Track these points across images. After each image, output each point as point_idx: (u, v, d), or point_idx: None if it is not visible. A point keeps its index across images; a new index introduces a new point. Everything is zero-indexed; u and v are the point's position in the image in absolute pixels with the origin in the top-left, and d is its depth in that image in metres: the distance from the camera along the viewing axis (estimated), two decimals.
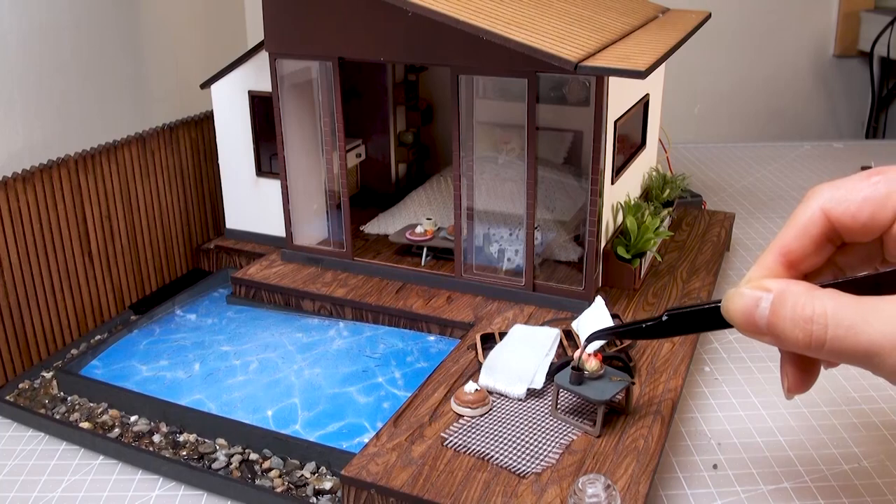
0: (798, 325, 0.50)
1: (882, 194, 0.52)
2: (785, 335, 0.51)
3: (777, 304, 0.51)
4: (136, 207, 1.11)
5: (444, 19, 0.88)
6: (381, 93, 1.36)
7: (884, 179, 0.52)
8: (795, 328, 0.50)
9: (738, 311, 0.53)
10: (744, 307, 0.53)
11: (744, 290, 0.54)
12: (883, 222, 0.52)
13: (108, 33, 1.23)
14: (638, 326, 0.64)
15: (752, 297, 0.53)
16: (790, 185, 1.64)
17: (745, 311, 0.53)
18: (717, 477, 0.77)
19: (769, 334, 0.51)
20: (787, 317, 0.50)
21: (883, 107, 2.27)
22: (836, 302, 0.49)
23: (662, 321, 0.61)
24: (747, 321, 0.52)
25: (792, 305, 0.50)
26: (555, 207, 1.14)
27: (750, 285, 0.54)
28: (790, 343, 0.50)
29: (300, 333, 1.02)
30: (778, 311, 0.51)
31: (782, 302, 0.51)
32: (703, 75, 2.19)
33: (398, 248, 1.15)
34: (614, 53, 0.89)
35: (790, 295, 0.51)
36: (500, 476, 0.70)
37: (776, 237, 0.56)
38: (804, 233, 0.55)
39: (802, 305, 0.50)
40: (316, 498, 0.75)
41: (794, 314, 0.50)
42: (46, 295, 0.98)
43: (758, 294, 0.52)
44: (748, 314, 0.52)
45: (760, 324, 0.52)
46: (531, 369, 0.82)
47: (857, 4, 2.20)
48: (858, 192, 0.53)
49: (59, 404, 0.90)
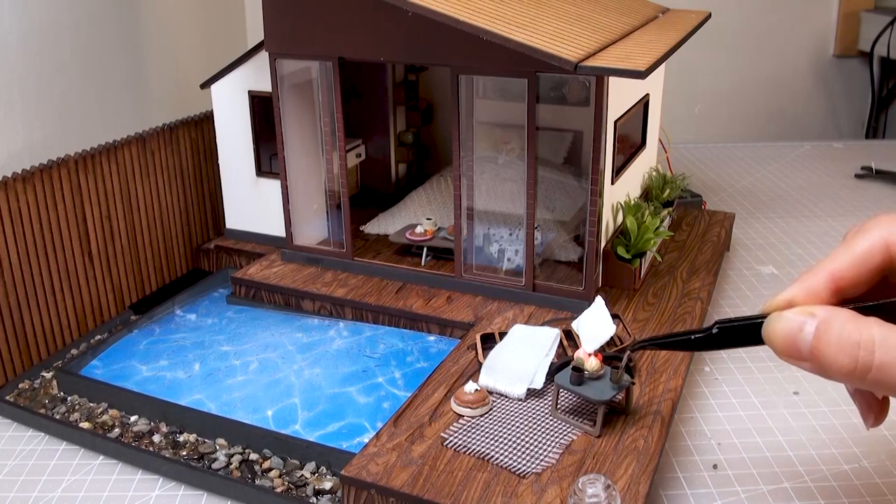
0: (844, 351, 0.49)
1: None
2: (829, 361, 0.50)
3: (822, 330, 0.50)
4: (136, 207, 1.11)
5: (444, 19, 0.88)
6: (381, 93, 1.36)
7: None
8: (840, 353, 0.49)
9: (780, 335, 0.52)
10: (787, 331, 0.52)
11: (787, 313, 0.52)
12: None
13: (108, 33, 1.23)
14: (686, 338, 0.63)
15: (796, 321, 0.52)
16: (790, 185, 1.64)
17: (787, 335, 0.52)
18: (717, 477, 0.77)
19: (811, 360, 0.51)
20: (833, 342, 0.50)
21: (883, 107, 2.27)
22: (884, 330, 0.49)
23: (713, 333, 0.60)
24: (789, 346, 0.52)
25: (838, 331, 0.50)
26: (555, 207, 1.14)
27: (795, 311, 0.52)
28: (834, 369, 0.50)
29: (300, 333, 1.02)
30: (823, 336, 0.50)
31: (828, 327, 0.50)
32: (703, 75, 2.19)
33: (398, 248, 1.15)
34: (614, 53, 0.89)
35: (836, 321, 0.50)
36: (500, 476, 0.70)
37: (826, 259, 0.55)
38: (862, 262, 0.54)
39: (850, 331, 0.49)
40: (316, 498, 0.75)
41: (840, 340, 0.49)
42: (46, 295, 0.98)
43: (802, 318, 0.51)
44: (790, 339, 0.52)
45: (803, 349, 0.51)
46: (531, 369, 0.82)
47: (857, 4, 2.20)
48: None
49: (59, 404, 0.90)
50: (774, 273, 1.22)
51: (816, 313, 0.51)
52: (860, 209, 1.49)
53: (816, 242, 1.34)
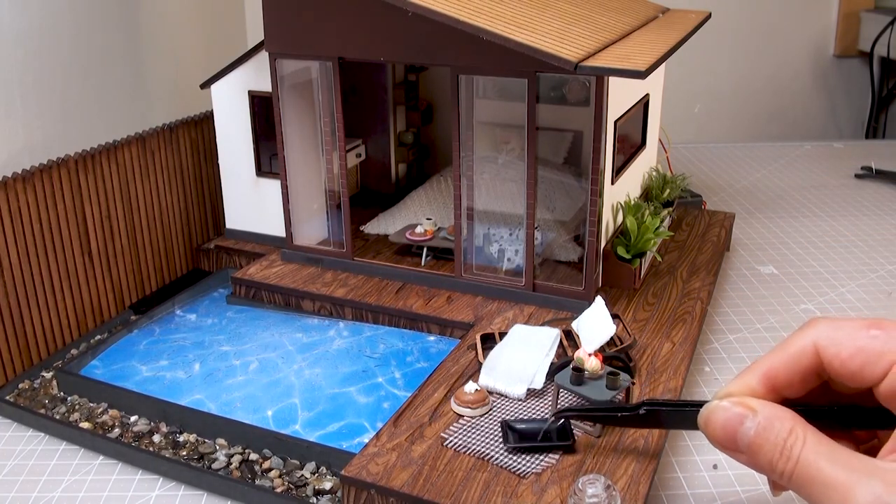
0: (776, 453, 0.50)
1: (877, 350, 0.52)
2: (762, 460, 0.51)
3: (763, 427, 0.51)
4: (136, 207, 1.11)
5: (444, 19, 0.88)
6: (381, 93, 1.36)
7: (883, 336, 0.52)
8: (774, 455, 0.50)
9: (718, 424, 0.53)
10: (726, 422, 0.53)
11: (726, 403, 0.54)
12: (872, 378, 0.52)
13: (108, 33, 1.23)
14: (613, 415, 0.64)
15: (736, 414, 0.53)
16: (790, 185, 1.64)
17: (726, 425, 0.53)
18: (717, 477, 0.77)
19: (746, 453, 0.52)
20: (770, 442, 0.51)
21: (883, 107, 2.27)
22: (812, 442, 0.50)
23: (639, 414, 0.62)
24: (727, 436, 0.53)
25: (776, 434, 0.51)
26: (555, 207, 1.14)
27: (732, 401, 0.54)
28: (763, 466, 0.51)
29: (300, 333, 1.02)
30: (762, 433, 0.51)
31: (769, 426, 0.51)
32: (703, 75, 2.19)
33: (398, 248, 1.15)
34: (614, 53, 0.89)
35: (777, 422, 0.51)
36: (500, 476, 0.70)
37: (763, 357, 0.56)
38: (794, 362, 0.55)
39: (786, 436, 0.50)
40: (316, 498, 0.75)
41: (777, 442, 0.50)
42: (46, 295, 0.98)
43: (743, 412, 0.52)
44: (730, 430, 0.53)
45: (742, 442, 0.52)
46: (531, 369, 0.82)
47: (857, 4, 2.20)
48: (854, 340, 0.52)
49: (59, 404, 0.90)
50: (774, 273, 1.22)
51: (757, 409, 0.52)
52: (860, 209, 1.49)
53: (816, 242, 1.34)
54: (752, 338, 1.03)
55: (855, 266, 1.25)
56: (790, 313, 1.09)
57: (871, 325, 0.53)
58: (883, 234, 1.37)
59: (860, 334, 0.53)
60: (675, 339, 0.92)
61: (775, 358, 0.56)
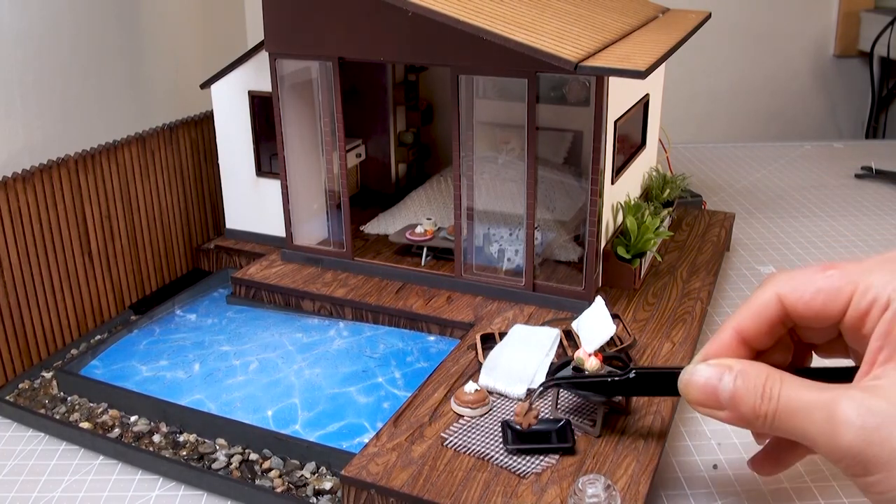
0: (757, 399, 0.55)
1: (835, 287, 0.56)
2: (745, 408, 0.55)
3: (741, 379, 0.56)
4: (136, 207, 1.11)
5: (445, 19, 0.88)
6: (381, 93, 1.36)
7: (838, 274, 0.57)
8: (755, 400, 0.55)
9: (699, 385, 0.58)
10: (706, 381, 0.58)
11: (702, 366, 0.59)
12: (834, 313, 0.57)
13: (108, 33, 1.23)
14: (603, 380, 0.69)
15: (714, 372, 0.58)
16: (790, 185, 1.64)
17: (706, 384, 0.58)
18: (717, 477, 0.77)
19: (729, 408, 0.56)
20: (750, 389, 0.55)
21: (883, 107, 2.27)
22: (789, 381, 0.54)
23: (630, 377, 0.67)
24: (707, 394, 0.57)
25: (754, 381, 0.55)
26: (555, 207, 1.14)
27: (710, 362, 0.58)
28: (748, 414, 0.55)
29: (300, 333, 1.02)
30: (741, 385, 0.56)
31: (745, 377, 0.56)
32: (703, 75, 2.19)
33: (398, 248, 1.15)
34: (614, 53, 0.89)
35: (752, 372, 0.56)
36: (500, 476, 0.70)
37: (732, 316, 0.61)
38: (759, 315, 0.60)
39: (763, 381, 0.55)
40: (316, 498, 0.75)
41: (756, 388, 0.55)
42: (46, 295, 0.98)
43: (719, 371, 0.57)
44: (710, 388, 0.57)
45: (723, 397, 0.57)
46: (531, 369, 0.82)
47: (857, 4, 2.20)
48: (813, 283, 0.58)
49: (59, 404, 0.90)
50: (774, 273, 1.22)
51: (733, 366, 0.57)
52: (860, 209, 1.49)
53: (816, 242, 1.34)
54: None
55: None
56: None
57: (825, 267, 0.58)
58: (883, 234, 1.37)
59: (817, 277, 0.58)
60: (675, 339, 0.92)
61: (742, 314, 0.61)
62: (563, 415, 0.77)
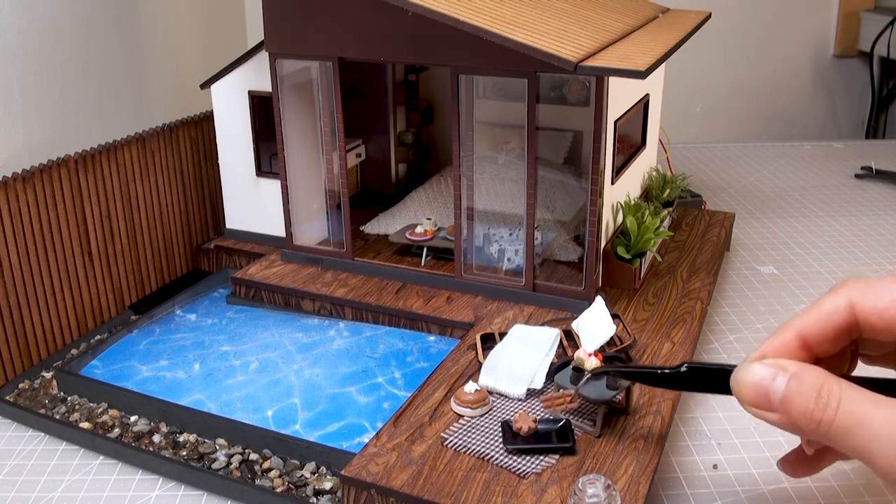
0: (811, 404, 0.52)
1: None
2: (797, 413, 0.52)
3: (795, 382, 0.53)
4: (136, 207, 1.11)
5: (445, 19, 0.88)
6: (381, 93, 1.36)
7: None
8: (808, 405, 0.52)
9: (749, 385, 0.55)
10: (759, 381, 0.54)
11: (756, 365, 0.55)
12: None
13: (108, 33, 1.23)
14: (654, 372, 0.66)
15: (768, 372, 0.54)
16: (790, 185, 1.64)
17: (758, 384, 0.54)
18: (717, 477, 0.77)
19: (780, 410, 0.53)
20: (804, 394, 0.52)
21: (883, 107, 2.27)
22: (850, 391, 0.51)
23: (681, 372, 0.64)
24: (759, 395, 0.54)
25: (809, 386, 0.52)
26: (555, 207, 1.14)
27: (765, 362, 0.55)
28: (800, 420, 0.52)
29: (300, 333, 1.02)
30: (794, 386, 0.53)
31: (800, 380, 0.53)
32: (703, 75, 2.19)
33: (398, 248, 1.15)
34: (614, 53, 0.89)
35: (808, 375, 0.53)
36: (500, 476, 0.70)
37: (796, 317, 0.58)
38: (826, 320, 0.56)
39: (819, 387, 0.52)
40: (316, 498, 0.75)
41: (810, 393, 0.52)
42: (46, 295, 0.98)
43: (774, 371, 0.54)
44: (762, 388, 0.54)
45: (774, 399, 0.53)
46: (531, 369, 0.82)
47: (857, 4, 2.20)
48: (890, 292, 0.55)
49: (59, 404, 0.90)
50: (774, 273, 1.22)
51: (788, 367, 0.54)
52: (860, 209, 1.49)
53: (816, 242, 1.34)
54: (752, 338, 1.03)
55: (855, 266, 1.25)
56: (790, 313, 1.09)
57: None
58: (883, 234, 1.37)
59: (894, 286, 0.55)
60: (675, 339, 0.92)
61: (808, 317, 0.57)
62: (562, 415, 0.77)
